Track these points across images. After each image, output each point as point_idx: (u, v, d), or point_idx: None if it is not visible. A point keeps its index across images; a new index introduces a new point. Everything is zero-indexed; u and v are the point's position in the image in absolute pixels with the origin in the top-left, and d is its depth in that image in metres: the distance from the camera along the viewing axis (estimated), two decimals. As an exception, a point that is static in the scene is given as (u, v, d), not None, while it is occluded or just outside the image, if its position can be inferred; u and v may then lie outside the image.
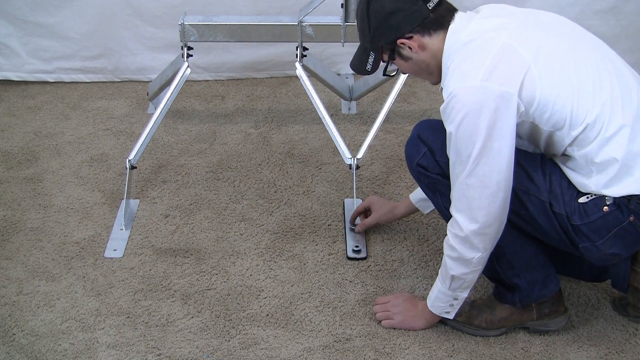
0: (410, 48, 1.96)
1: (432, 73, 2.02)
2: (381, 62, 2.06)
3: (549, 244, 2.07)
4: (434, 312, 2.16)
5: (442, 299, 2.12)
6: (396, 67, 2.09)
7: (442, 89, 1.98)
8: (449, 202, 1.98)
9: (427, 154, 2.06)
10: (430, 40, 1.95)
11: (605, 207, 1.91)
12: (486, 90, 1.82)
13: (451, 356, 2.16)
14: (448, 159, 1.94)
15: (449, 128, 1.88)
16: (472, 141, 1.84)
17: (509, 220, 1.97)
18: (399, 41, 1.96)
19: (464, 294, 2.10)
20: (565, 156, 1.95)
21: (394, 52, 2.00)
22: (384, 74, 2.11)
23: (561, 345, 2.19)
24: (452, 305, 2.13)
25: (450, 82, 1.88)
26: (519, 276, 2.11)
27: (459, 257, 1.98)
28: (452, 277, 2.03)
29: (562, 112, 1.86)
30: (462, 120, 1.84)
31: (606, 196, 1.90)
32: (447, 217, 2.03)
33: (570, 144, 1.90)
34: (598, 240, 1.95)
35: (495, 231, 1.94)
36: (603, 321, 2.26)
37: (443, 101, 1.92)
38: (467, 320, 2.21)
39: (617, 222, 1.92)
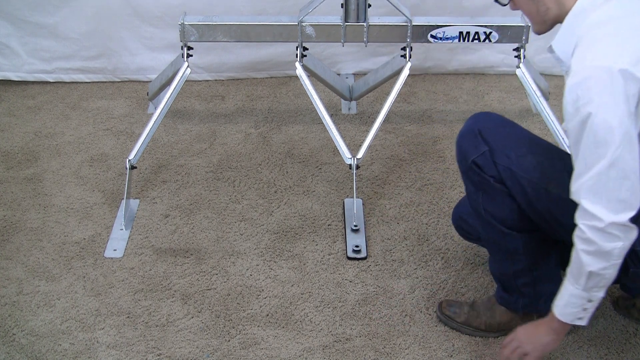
0: None
1: (545, 22, 1.88)
2: None
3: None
4: (564, 321, 1.92)
5: (575, 303, 1.88)
6: (506, 1, 1.93)
7: (550, 46, 1.88)
8: (491, 205, 1.95)
9: (486, 154, 1.96)
10: None
11: None
12: (628, 75, 1.70)
13: (451, 356, 2.16)
14: (507, 161, 1.89)
15: (587, 108, 1.72)
16: (611, 128, 1.70)
17: (548, 228, 1.93)
18: None
19: (600, 294, 1.87)
20: None
21: None
22: (496, 0, 1.96)
23: (561, 346, 2.19)
24: (585, 309, 1.89)
25: (586, 59, 1.75)
26: (530, 285, 2.09)
27: (597, 251, 1.80)
28: (589, 274, 1.83)
29: None
30: (600, 105, 1.70)
31: None
32: (481, 215, 2.00)
33: None
34: None
35: (637, 217, 1.78)
36: (603, 321, 2.26)
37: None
38: (466, 322, 2.20)
39: None
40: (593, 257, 1.80)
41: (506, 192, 1.97)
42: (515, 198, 1.97)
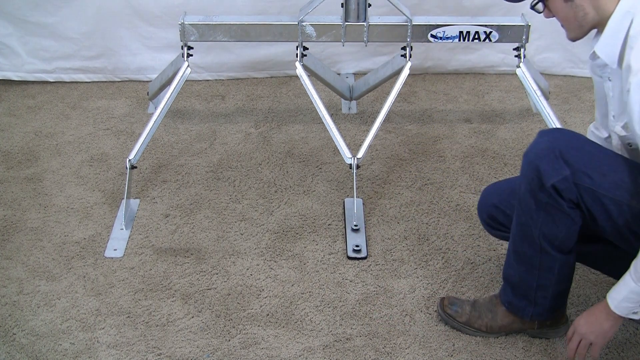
0: None
1: (582, 27, 1.88)
2: None
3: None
4: (619, 314, 1.92)
5: (633, 299, 1.87)
6: (542, 8, 1.92)
7: (593, 53, 1.88)
8: (549, 226, 1.91)
9: (568, 178, 1.87)
10: None
11: None
12: None
13: (451, 356, 2.16)
14: (589, 182, 1.84)
15: None
16: None
17: (620, 240, 1.90)
18: None
19: None
20: None
21: None
22: (532, 7, 1.95)
23: (561, 345, 2.18)
24: None
25: None
26: (547, 298, 2.08)
27: None
28: None
29: None
30: None
31: None
32: (530, 232, 1.95)
33: None
34: None
35: None
36: (603, 321, 2.26)
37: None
38: (468, 322, 2.20)
39: None
40: None
41: (570, 217, 1.92)
42: (595, 216, 1.91)
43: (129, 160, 2.68)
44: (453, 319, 2.21)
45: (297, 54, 2.83)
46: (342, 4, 2.72)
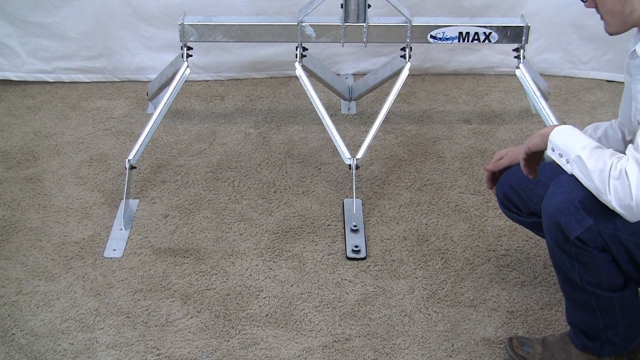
0: None
1: (625, 23, 1.83)
2: None
3: None
4: (551, 137, 1.83)
5: (571, 147, 1.77)
6: None
7: (633, 51, 1.85)
8: (589, 273, 1.86)
9: (592, 228, 1.80)
10: None
11: None
12: None
13: (450, 356, 2.16)
14: (612, 228, 1.79)
15: None
16: None
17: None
18: None
19: (567, 168, 1.81)
20: None
21: None
22: None
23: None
24: (563, 157, 1.80)
25: None
26: (620, 334, 1.98)
27: (608, 188, 1.71)
28: (590, 171, 1.73)
29: None
30: None
31: None
32: (574, 282, 1.90)
33: None
34: None
35: None
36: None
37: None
38: None
39: None
40: (600, 177, 1.72)
41: (606, 258, 1.85)
42: (618, 260, 1.86)
43: (129, 160, 2.68)
44: None
45: (296, 55, 2.83)
46: (341, 4, 2.72)
